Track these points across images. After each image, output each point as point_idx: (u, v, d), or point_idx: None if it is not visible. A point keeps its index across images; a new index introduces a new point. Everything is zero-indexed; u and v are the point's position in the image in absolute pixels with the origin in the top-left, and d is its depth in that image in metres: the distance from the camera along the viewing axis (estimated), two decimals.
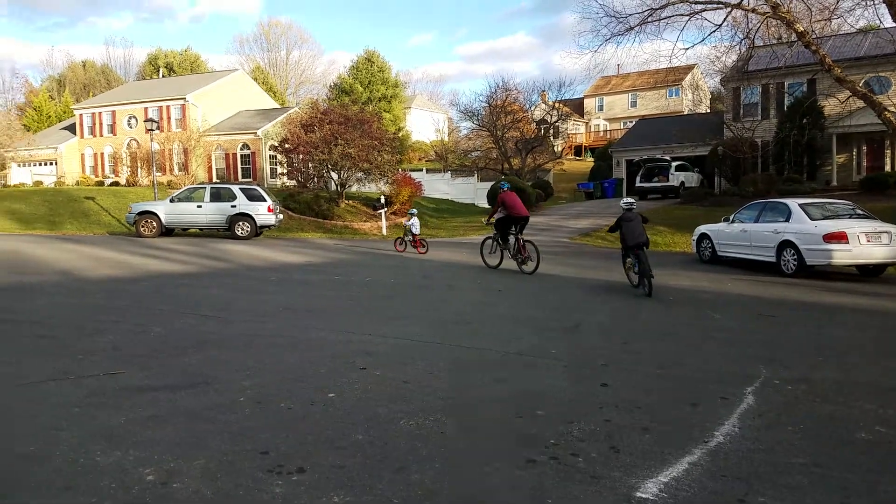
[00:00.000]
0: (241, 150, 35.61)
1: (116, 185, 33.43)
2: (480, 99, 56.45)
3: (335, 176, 26.96)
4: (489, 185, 31.43)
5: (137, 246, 17.06)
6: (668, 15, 19.82)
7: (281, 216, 21.41)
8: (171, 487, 3.25)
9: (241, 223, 19.67)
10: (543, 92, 43.27)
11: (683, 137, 31.53)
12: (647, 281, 9.99)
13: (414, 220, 17.15)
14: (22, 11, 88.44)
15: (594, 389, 5.08)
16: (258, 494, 3.19)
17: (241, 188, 20.46)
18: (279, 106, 43.42)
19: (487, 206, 27.38)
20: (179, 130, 35.82)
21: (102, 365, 5.53)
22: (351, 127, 25.71)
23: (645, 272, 10.04)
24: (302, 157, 26.65)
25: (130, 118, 37.24)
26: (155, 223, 19.66)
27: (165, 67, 55.80)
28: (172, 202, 20.17)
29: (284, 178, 32.29)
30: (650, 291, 9.89)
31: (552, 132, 43.80)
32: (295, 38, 79.25)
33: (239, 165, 35.67)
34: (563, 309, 9.19)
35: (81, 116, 38.93)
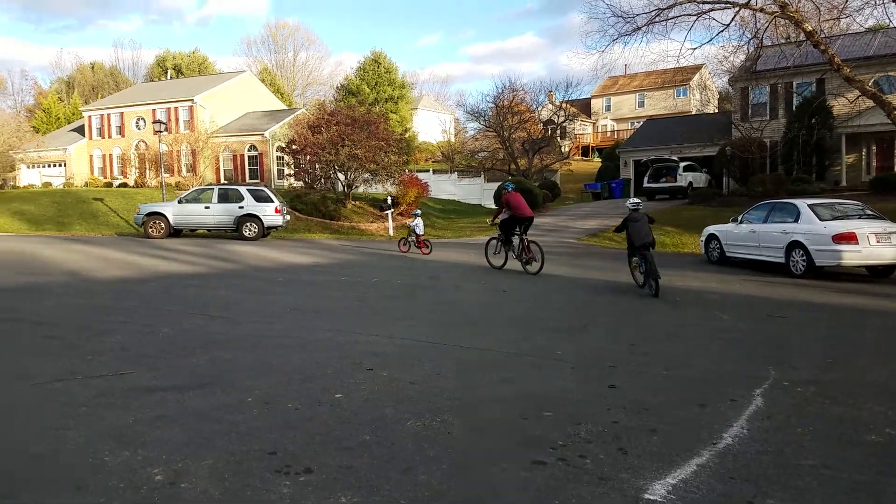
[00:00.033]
0: (248, 151, 35.73)
1: (125, 186, 33.59)
2: (487, 99, 56.49)
3: (342, 177, 27.00)
4: (496, 185, 31.41)
5: (146, 247, 17.14)
6: (675, 15, 19.73)
7: (288, 217, 21.45)
8: (179, 487, 3.26)
9: (248, 224, 19.73)
10: (550, 92, 43.26)
11: (691, 138, 31.41)
12: (653, 281, 9.95)
13: (418, 220, 17.18)
14: (32, 14, 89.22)
15: (602, 391, 5.07)
16: (266, 495, 3.20)
17: (248, 189, 20.52)
18: (286, 107, 43.53)
19: (494, 206, 27.36)
20: (187, 132, 35.97)
21: (111, 365, 5.56)
22: (358, 128, 25.75)
23: (652, 273, 10.00)
24: (309, 158, 26.71)
25: (139, 120, 37.43)
26: (163, 224, 19.75)
27: (173, 69, 56.08)
28: (180, 203, 20.24)
29: (291, 179, 32.38)
30: (657, 292, 9.85)
31: (559, 133, 43.79)
32: (302, 39, 79.68)
33: (246, 166, 35.78)
34: (569, 310, 9.18)
35: (90, 118, 39.17)
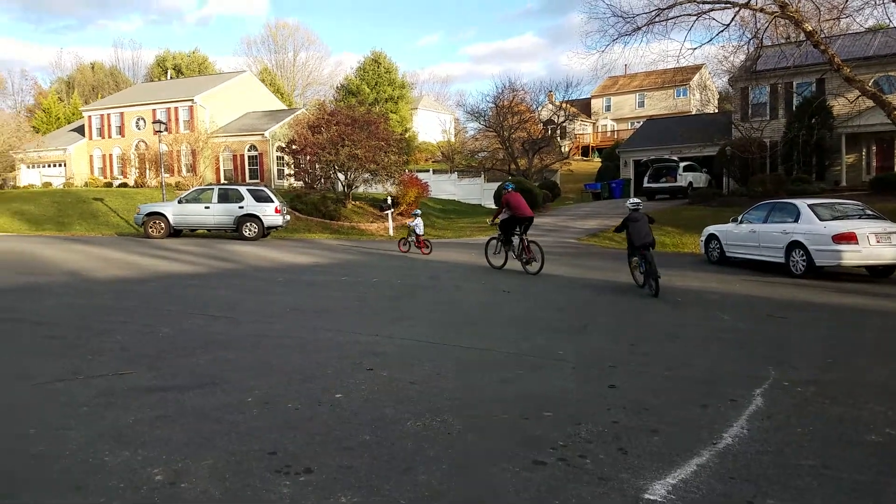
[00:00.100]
0: (248, 151, 35.74)
1: (125, 186, 33.59)
2: (487, 99, 56.48)
3: (342, 177, 27.00)
4: (496, 185, 31.41)
5: (146, 247, 17.14)
6: (675, 15, 19.73)
7: (288, 217, 21.45)
8: (179, 487, 3.26)
9: (248, 224, 19.73)
10: (550, 92, 43.25)
11: (691, 138, 31.42)
12: (653, 281, 9.97)
13: (417, 220, 17.21)
14: (32, 14, 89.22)
15: (602, 391, 5.07)
16: (266, 495, 3.20)
17: (248, 189, 20.52)
18: (286, 107, 43.53)
19: (494, 206, 27.36)
20: (187, 132, 35.97)
21: (111, 365, 5.56)
22: (358, 128, 25.75)
23: (652, 272, 10.04)
24: (309, 158, 26.71)
25: (139, 120, 37.43)
26: (163, 224, 19.75)
27: (173, 69, 56.07)
28: (180, 203, 20.25)
29: (291, 179, 32.39)
30: (657, 292, 9.87)
31: (559, 133, 43.78)
32: (302, 39, 79.62)
33: (246, 166, 35.79)
34: (570, 310, 9.18)
35: (90, 118, 39.18)
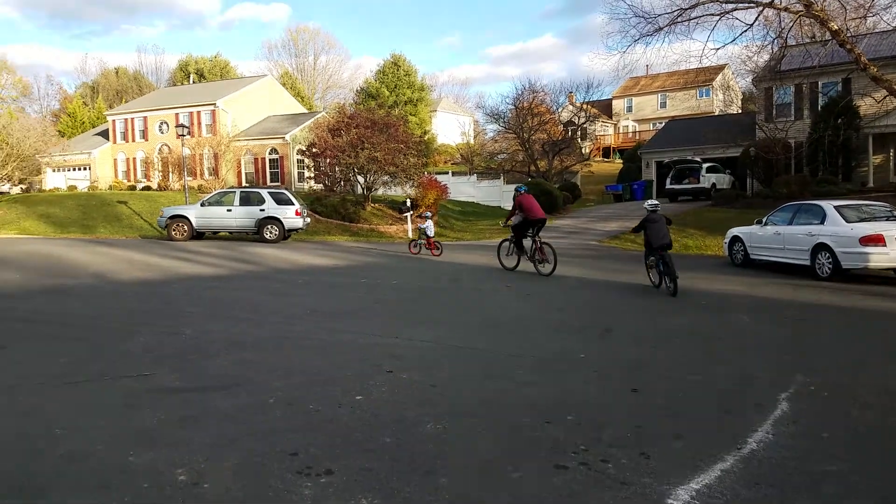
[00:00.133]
0: (269, 154, 36.05)
1: (148, 189, 34.04)
2: (507, 101, 56.12)
3: (361, 179, 27.10)
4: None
5: (169, 249, 17.36)
6: (697, 15, 19.57)
7: (308, 219, 21.58)
8: (202, 488, 3.29)
9: (269, 227, 19.88)
10: (571, 93, 43.01)
11: (714, 138, 31.05)
12: (671, 282, 10.08)
13: (428, 222, 17.28)
14: (57, 20, 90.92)
15: (624, 394, 5.03)
16: (287, 496, 3.21)
17: (269, 192, 20.68)
18: (307, 111, 43.83)
19: None
20: (210, 136, 36.35)
21: (136, 367, 5.63)
22: (377, 131, 25.84)
23: (670, 273, 10.13)
24: (329, 161, 26.85)
25: (162, 124, 37.93)
26: (186, 227, 19.97)
27: (196, 74, 56.75)
28: (203, 206, 20.44)
29: (312, 181, 32.57)
30: (675, 291, 9.93)
31: (580, 134, 43.51)
32: (322, 43, 79.74)
33: (267, 170, 36.11)
34: (591, 313, 9.12)
35: (114, 122, 39.77)
